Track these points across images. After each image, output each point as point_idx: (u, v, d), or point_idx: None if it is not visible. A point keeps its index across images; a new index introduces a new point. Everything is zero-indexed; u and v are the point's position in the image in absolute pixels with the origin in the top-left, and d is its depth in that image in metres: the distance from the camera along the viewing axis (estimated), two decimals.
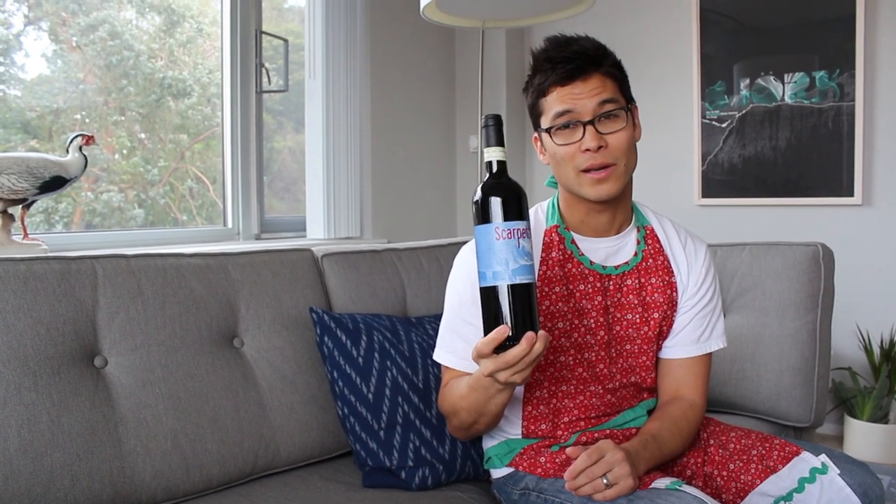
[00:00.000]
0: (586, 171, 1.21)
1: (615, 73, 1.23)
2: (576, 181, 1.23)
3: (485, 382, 1.11)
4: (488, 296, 1.03)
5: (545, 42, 1.24)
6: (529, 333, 1.00)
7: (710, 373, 1.40)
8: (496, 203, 1.03)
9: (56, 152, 2.02)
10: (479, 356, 1.04)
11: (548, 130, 1.23)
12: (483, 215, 1.04)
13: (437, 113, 3.48)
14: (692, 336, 1.34)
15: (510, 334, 1.01)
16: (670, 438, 1.24)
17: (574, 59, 1.19)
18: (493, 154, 1.08)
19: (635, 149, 1.26)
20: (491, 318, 1.03)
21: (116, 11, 2.32)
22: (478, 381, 1.14)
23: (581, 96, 1.19)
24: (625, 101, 1.23)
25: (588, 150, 1.19)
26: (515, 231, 1.02)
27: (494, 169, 1.07)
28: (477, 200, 1.05)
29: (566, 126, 1.21)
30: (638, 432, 1.30)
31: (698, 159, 3.19)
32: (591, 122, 1.19)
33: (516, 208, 1.04)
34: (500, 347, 1.02)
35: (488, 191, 1.04)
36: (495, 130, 1.08)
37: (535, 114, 1.27)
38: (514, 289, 1.01)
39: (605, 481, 1.08)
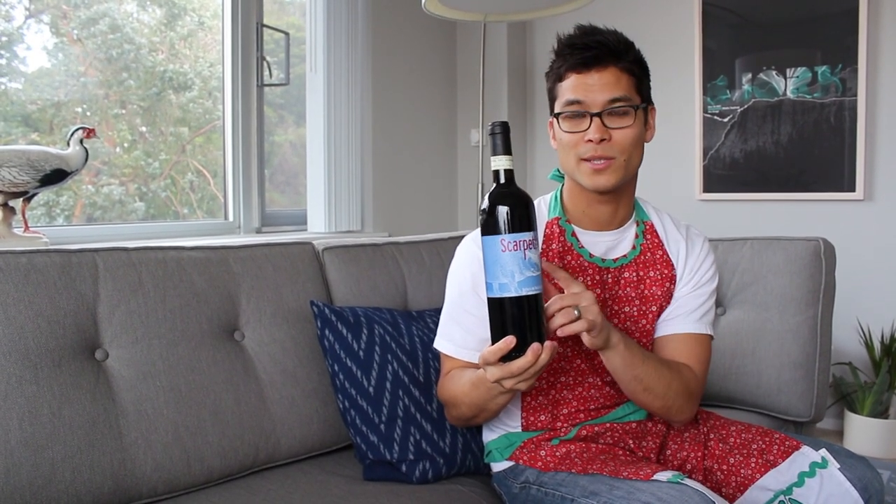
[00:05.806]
0: (586, 160, 1.22)
1: (634, 69, 1.23)
2: (575, 168, 1.24)
3: (488, 383, 1.11)
4: (495, 307, 1.03)
5: (574, 28, 1.25)
6: (535, 345, 1.01)
7: (710, 367, 1.39)
8: (502, 214, 1.02)
9: (57, 145, 2.02)
10: (485, 364, 1.05)
11: (557, 115, 1.24)
12: (490, 226, 1.03)
13: (438, 107, 3.47)
14: (688, 310, 1.30)
15: (516, 345, 1.01)
16: (655, 367, 1.20)
17: (594, 48, 1.20)
18: (500, 163, 1.06)
19: (641, 147, 1.25)
20: (498, 328, 1.03)
21: (117, 4, 2.31)
22: (481, 381, 1.14)
23: (593, 88, 1.20)
24: (639, 100, 1.23)
25: (591, 140, 1.20)
26: (522, 243, 1.02)
27: (501, 178, 1.06)
28: (484, 210, 1.04)
29: (576, 115, 1.21)
30: (638, 424, 1.30)
31: (700, 154, 3.18)
32: (599, 115, 1.19)
33: (523, 219, 1.03)
34: (507, 356, 1.02)
35: (495, 201, 1.04)
36: (502, 138, 1.06)
37: (552, 97, 1.28)
38: (519, 301, 1.02)
39: (576, 313, 1.08)
